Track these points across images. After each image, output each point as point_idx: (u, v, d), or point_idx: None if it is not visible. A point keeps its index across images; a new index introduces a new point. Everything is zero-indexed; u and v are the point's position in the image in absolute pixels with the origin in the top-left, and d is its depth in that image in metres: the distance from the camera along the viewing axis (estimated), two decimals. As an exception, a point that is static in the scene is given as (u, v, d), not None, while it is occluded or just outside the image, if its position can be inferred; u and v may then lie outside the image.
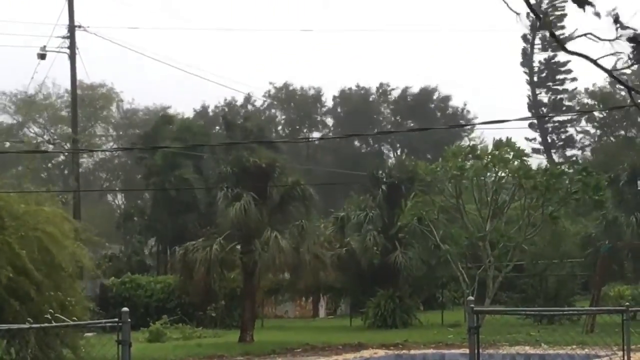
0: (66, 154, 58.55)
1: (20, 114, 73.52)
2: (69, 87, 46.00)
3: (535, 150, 79.98)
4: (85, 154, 71.29)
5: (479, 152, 33.87)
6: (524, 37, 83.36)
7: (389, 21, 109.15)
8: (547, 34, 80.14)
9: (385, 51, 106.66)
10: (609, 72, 5.96)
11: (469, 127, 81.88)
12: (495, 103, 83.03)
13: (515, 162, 32.72)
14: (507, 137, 33.33)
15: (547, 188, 32.06)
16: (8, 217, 20.44)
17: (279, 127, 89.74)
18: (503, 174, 33.34)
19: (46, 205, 22.15)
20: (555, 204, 32.91)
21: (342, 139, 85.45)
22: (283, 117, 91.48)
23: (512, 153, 32.77)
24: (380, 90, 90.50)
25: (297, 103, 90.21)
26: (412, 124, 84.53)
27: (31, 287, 19.54)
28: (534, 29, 79.85)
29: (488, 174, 33.54)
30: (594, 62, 5.81)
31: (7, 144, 62.21)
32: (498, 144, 32.97)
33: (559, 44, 5.95)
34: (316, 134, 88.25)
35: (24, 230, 20.34)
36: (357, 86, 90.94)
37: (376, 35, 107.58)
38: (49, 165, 73.49)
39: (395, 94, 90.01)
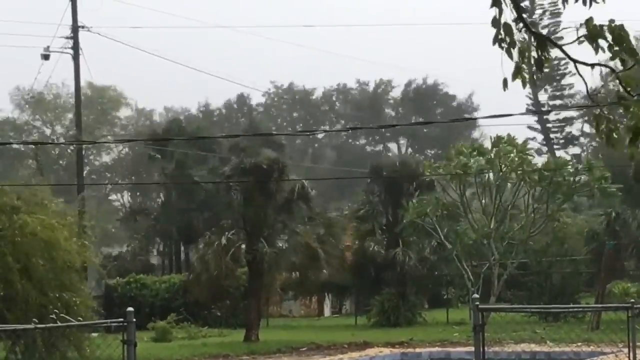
0: (72, 148, 58.58)
1: (29, 112, 73.72)
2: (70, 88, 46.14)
3: (536, 151, 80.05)
4: (92, 155, 71.50)
5: (481, 148, 33.81)
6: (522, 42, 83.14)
7: (389, 17, 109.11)
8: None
9: (386, 47, 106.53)
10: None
11: (472, 121, 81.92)
12: (496, 102, 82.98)
13: (516, 158, 32.61)
14: (508, 134, 33.31)
15: (550, 182, 31.97)
16: (15, 216, 20.47)
17: (286, 125, 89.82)
18: (506, 169, 33.21)
19: (50, 204, 22.15)
20: (559, 197, 32.81)
21: (347, 137, 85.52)
22: (295, 115, 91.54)
23: (514, 148, 32.68)
24: (384, 87, 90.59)
25: (300, 101, 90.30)
26: (414, 119, 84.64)
27: (36, 289, 19.56)
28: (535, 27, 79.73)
29: (491, 172, 33.42)
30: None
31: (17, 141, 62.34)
32: (497, 140, 32.91)
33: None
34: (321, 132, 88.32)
35: (30, 229, 20.36)
36: (360, 83, 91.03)
37: (376, 30, 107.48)
38: (55, 167, 73.63)
39: (398, 90, 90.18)
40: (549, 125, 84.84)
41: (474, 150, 33.28)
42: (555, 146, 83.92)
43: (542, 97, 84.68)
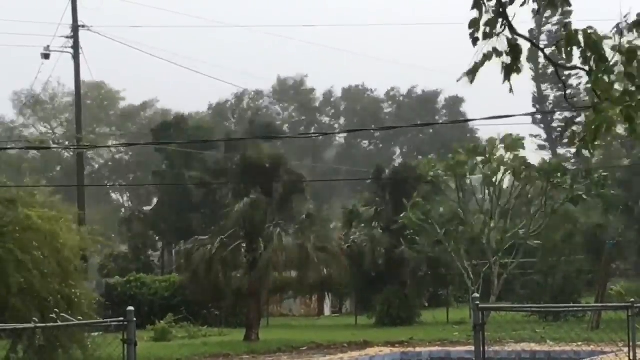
0: (72, 153, 58.68)
1: (26, 114, 73.76)
2: (73, 86, 46.18)
3: (541, 147, 79.95)
4: (90, 154, 71.46)
5: (475, 147, 33.81)
6: (530, 32, 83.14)
7: (389, 16, 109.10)
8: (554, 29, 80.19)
9: (388, 47, 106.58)
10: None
11: (472, 123, 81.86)
12: (499, 99, 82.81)
13: (508, 155, 32.57)
14: (508, 133, 33.32)
15: (552, 186, 31.90)
16: (14, 214, 20.48)
17: (285, 126, 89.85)
18: (502, 168, 33.17)
19: (49, 205, 22.18)
20: (560, 200, 32.79)
21: (349, 139, 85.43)
22: (293, 115, 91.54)
23: (504, 145, 32.64)
24: (387, 91, 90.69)
25: (302, 102, 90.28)
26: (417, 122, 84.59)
27: (37, 281, 19.58)
28: (539, 24, 79.75)
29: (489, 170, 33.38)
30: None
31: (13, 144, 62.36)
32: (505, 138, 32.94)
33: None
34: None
35: (30, 222, 20.39)
36: (363, 86, 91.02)
37: (377, 31, 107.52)
38: (57, 168, 73.68)
39: (400, 93, 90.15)
40: (553, 124, 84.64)
41: (469, 150, 33.22)
42: (558, 146, 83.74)
43: (550, 94, 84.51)
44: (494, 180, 33.24)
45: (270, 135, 49.72)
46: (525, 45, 6.62)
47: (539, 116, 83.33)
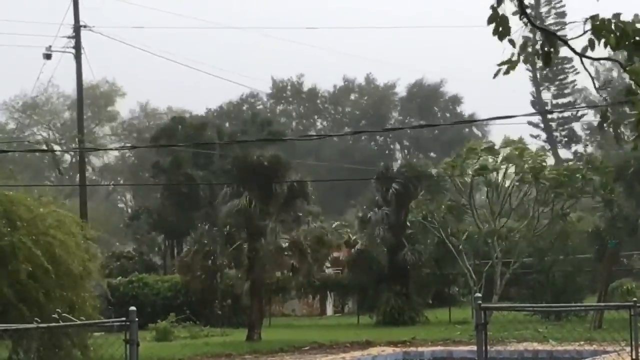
0: (72, 154, 58.69)
1: (25, 118, 73.75)
2: (70, 88, 46.21)
3: (540, 148, 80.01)
4: (91, 155, 71.45)
5: (492, 149, 33.88)
6: (525, 37, 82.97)
7: (389, 19, 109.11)
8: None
9: (387, 48, 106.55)
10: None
11: (474, 123, 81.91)
12: (498, 99, 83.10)
13: (530, 161, 32.69)
14: (520, 137, 33.56)
15: (560, 183, 31.96)
16: (19, 219, 20.36)
17: (291, 124, 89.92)
18: (515, 171, 33.27)
19: (51, 206, 22.07)
20: (565, 200, 32.84)
21: (352, 138, 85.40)
22: (293, 114, 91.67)
23: (524, 151, 32.79)
24: (389, 89, 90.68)
25: (305, 101, 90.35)
26: (416, 122, 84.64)
27: (40, 291, 19.48)
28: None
29: (502, 172, 33.44)
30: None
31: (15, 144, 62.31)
32: (509, 142, 33.04)
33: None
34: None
35: (35, 233, 20.26)
36: (366, 83, 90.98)
37: (379, 32, 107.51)
38: (61, 167, 73.56)
39: (402, 92, 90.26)
40: (552, 123, 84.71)
41: (485, 150, 33.26)
42: (558, 146, 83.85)
43: (546, 95, 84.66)
44: (500, 181, 33.36)
45: (270, 138, 49.71)
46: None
47: (539, 118, 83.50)
